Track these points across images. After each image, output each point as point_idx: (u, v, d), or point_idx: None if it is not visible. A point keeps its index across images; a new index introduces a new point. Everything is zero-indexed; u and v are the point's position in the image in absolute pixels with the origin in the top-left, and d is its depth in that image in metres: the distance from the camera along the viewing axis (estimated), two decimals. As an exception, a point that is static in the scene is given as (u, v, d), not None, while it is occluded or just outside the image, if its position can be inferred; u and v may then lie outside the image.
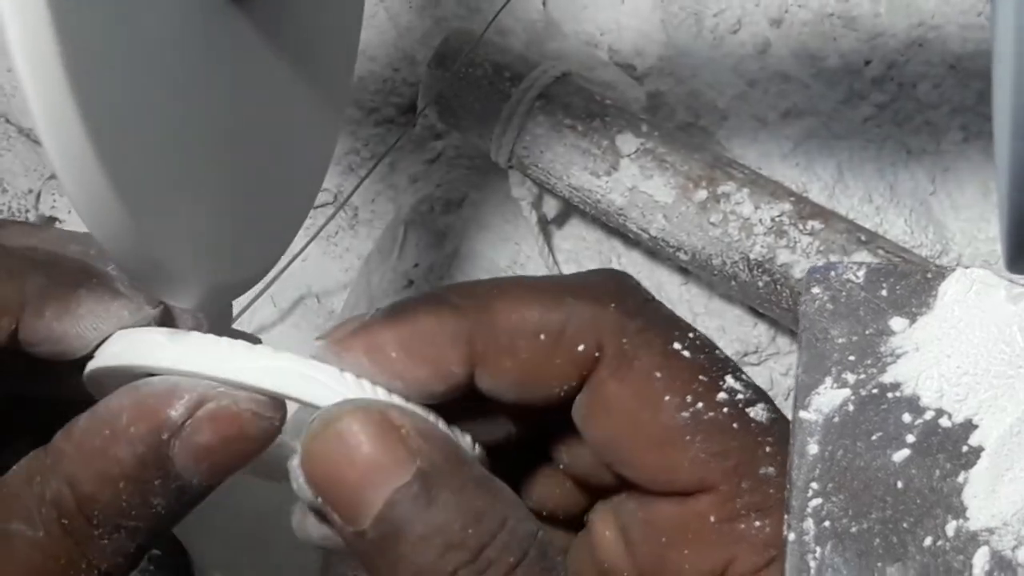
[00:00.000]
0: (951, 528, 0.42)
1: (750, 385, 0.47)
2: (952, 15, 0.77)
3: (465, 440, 0.46)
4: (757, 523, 0.45)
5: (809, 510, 0.43)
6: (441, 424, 0.45)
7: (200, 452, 0.43)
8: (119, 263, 0.41)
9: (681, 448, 0.45)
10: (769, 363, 0.77)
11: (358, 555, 0.43)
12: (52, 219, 0.85)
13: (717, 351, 0.47)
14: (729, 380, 0.46)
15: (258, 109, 0.49)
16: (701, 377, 0.46)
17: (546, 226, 0.80)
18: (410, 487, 0.41)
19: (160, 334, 0.45)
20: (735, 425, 0.45)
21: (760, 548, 0.45)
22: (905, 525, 0.42)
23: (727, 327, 0.78)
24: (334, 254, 0.85)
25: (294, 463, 0.43)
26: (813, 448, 0.44)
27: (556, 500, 0.51)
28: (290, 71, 0.51)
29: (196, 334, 0.44)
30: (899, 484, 0.43)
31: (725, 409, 0.45)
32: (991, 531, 0.42)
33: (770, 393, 0.75)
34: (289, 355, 0.44)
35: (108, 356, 0.45)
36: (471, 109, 0.77)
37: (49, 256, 0.48)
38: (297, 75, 0.51)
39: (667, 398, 0.45)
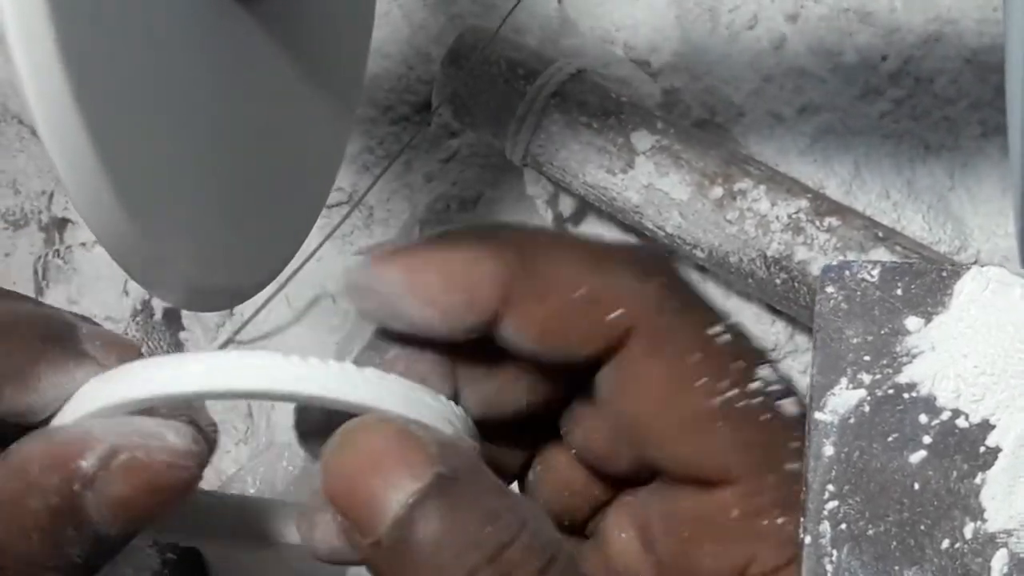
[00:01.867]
0: (969, 530, 0.41)
1: (783, 379, 0.46)
2: (968, 9, 0.77)
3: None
4: (780, 520, 0.44)
5: (825, 512, 0.42)
6: (465, 425, 0.44)
7: (114, 503, 0.42)
8: (126, 269, 0.41)
9: (709, 434, 0.44)
10: (787, 361, 0.77)
11: (372, 566, 0.42)
12: (65, 220, 0.85)
13: (753, 342, 0.46)
14: (764, 371, 0.45)
15: (266, 110, 0.49)
16: (736, 364, 0.45)
17: (562, 224, 0.80)
18: (428, 492, 0.40)
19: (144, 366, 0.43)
20: (766, 416, 0.45)
21: (781, 545, 0.44)
22: (922, 527, 0.42)
23: (745, 325, 0.77)
24: (349, 253, 0.85)
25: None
26: (829, 450, 0.43)
27: (566, 498, 0.50)
28: (299, 71, 0.51)
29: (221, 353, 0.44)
30: (916, 486, 0.42)
31: (757, 399, 0.44)
32: (1009, 533, 0.41)
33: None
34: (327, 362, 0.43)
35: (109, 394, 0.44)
36: (485, 107, 0.76)
37: (5, 322, 0.45)
38: (307, 75, 0.51)
39: (701, 381, 0.44)
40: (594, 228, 0.81)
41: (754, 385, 0.45)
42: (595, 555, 0.50)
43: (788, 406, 0.45)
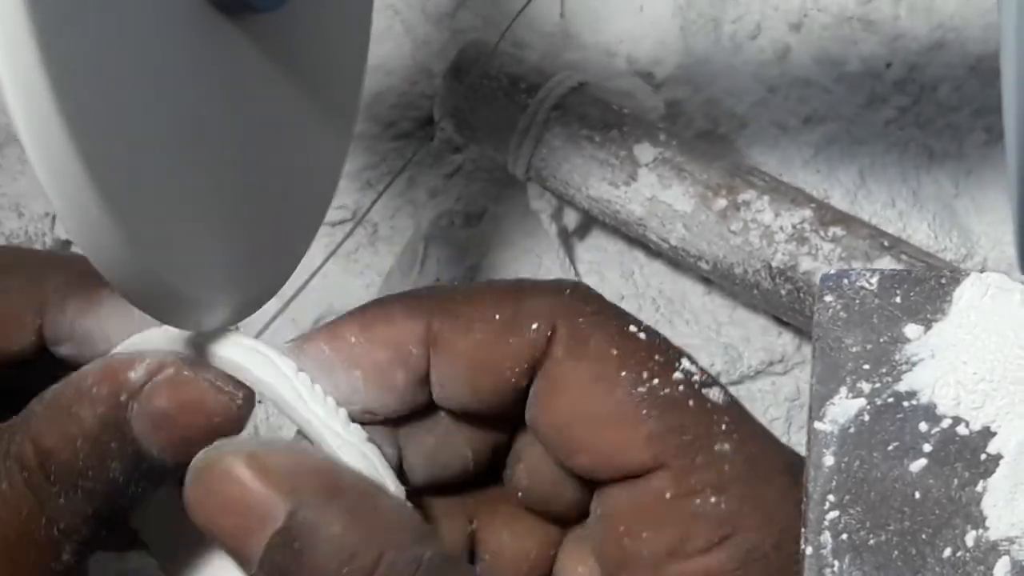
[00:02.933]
0: (971, 538, 0.41)
1: (705, 371, 0.47)
2: (972, 16, 0.77)
3: (382, 461, 0.46)
4: (712, 499, 0.45)
5: (826, 523, 0.42)
6: (352, 435, 0.45)
7: (157, 418, 0.43)
8: (119, 288, 0.41)
9: (636, 423, 0.45)
10: (795, 372, 0.77)
11: None
12: (68, 243, 0.85)
13: (669, 341, 0.47)
14: (685, 362, 0.46)
15: (262, 126, 0.49)
16: (657, 357, 0.46)
17: (567, 238, 0.80)
18: (286, 531, 0.42)
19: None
20: (690, 403, 0.45)
21: (715, 525, 0.44)
22: (924, 536, 0.41)
23: (751, 337, 0.77)
24: (354, 271, 0.84)
25: None
26: (829, 459, 0.43)
27: (520, 548, 0.50)
28: (296, 87, 0.50)
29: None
30: (917, 494, 0.42)
31: (681, 387, 0.45)
32: (1011, 540, 0.41)
33: (796, 403, 0.75)
34: (256, 341, 0.47)
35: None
36: (487, 121, 0.76)
37: (75, 257, 0.49)
38: (303, 91, 0.51)
39: (623, 374, 0.45)
40: (599, 241, 0.81)
41: (677, 375, 0.46)
42: None
43: (713, 394, 0.46)
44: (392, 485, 0.45)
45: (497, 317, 0.46)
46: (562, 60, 0.83)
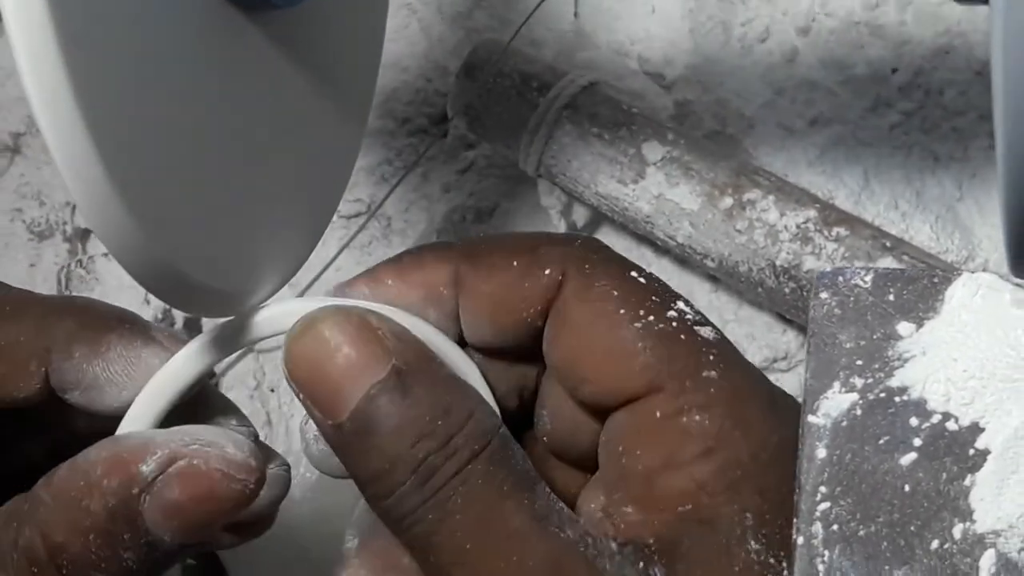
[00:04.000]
0: (958, 531, 0.42)
1: (699, 312, 0.50)
2: (977, 22, 0.78)
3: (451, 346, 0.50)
4: (697, 417, 0.47)
5: (818, 514, 0.43)
6: (424, 325, 0.49)
7: (169, 509, 0.44)
8: (133, 274, 0.42)
9: (632, 355, 0.48)
10: (798, 369, 0.78)
11: (336, 447, 0.46)
12: (88, 231, 0.86)
13: (668, 286, 0.51)
14: (680, 304, 0.49)
15: (277, 118, 0.50)
16: (654, 298, 0.49)
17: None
18: (386, 383, 0.44)
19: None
20: (683, 337, 0.48)
21: (699, 439, 0.47)
22: (912, 528, 0.42)
23: (756, 334, 0.78)
24: (368, 264, 0.84)
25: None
26: (821, 452, 0.44)
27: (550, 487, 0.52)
28: (311, 81, 0.51)
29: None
30: (906, 487, 0.43)
31: (674, 324, 0.48)
32: (997, 534, 0.42)
33: (798, 399, 0.76)
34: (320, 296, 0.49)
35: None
36: (499, 118, 0.77)
37: (84, 303, 0.50)
38: (318, 84, 0.52)
39: (622, 312, 0.48)
40: (607, 238, 0.81)
41: (671, 313, 0.49)
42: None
43: (705, 331, 0.49)
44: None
45: (515, 264, 0.49)
46: (575, 59, 0.84)
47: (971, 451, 0.43)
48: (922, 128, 0.79)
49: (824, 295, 0.46)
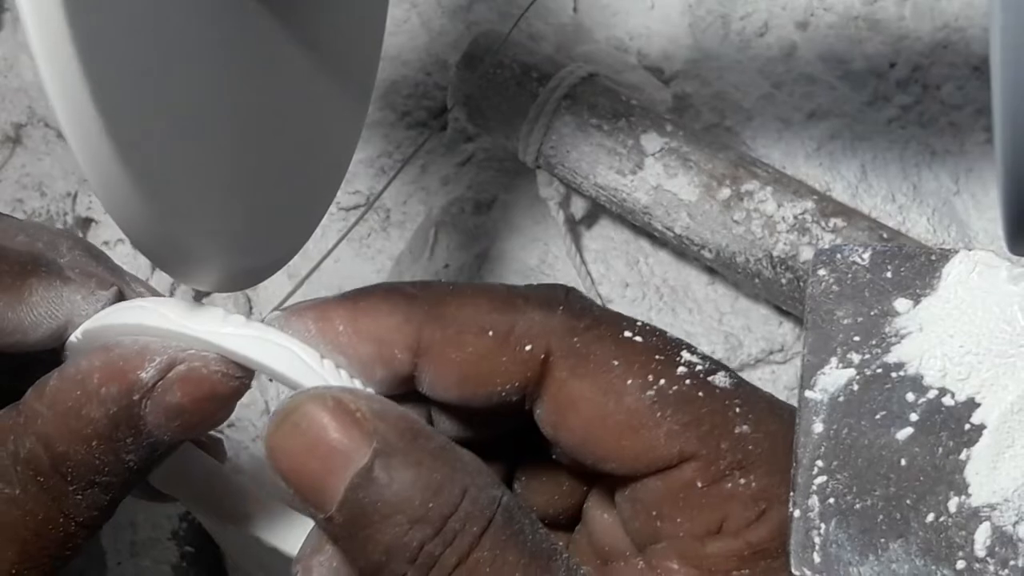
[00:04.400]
0: (953, 504, 0.42)
1: (707, 358, 0.47)
2: (976, 17, 0.78)
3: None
4: (743, 480, 0.45)
5: (814, 487, 0.43)
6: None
7: (171, 411, 0.44)
8: (138, 246, 0.42)
9: (653, 426, 0.46)
10: (795, 361, 0.78)
11: (332, 539, 0.44)
12: (88, 220, 0.87)
13: (668, 334, 0.48)
14: (685, 355, 0.47)
15: (279, 99, 0.50)
16: (658, 357, 0.46)
17: (574, 226, 0.81)
18: (369, 469, 0.42)
19: (145, 301, 0.47)
20: (700, 394, 0.46)
21: (750, 503, 0.45)
22: (908, 502, 0.42)
23: (753, 326, 0.78)
24: (366, 256, 0.86)
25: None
26: (818, 427, 0.44)
27: (557, 498, 0.51)
28: (313, 64, 0.52)
29: (174, 300, 0.47)
30: (902, 461, 0.43)
31: (688, 381, 0.46)
32: (992, 507, 0.42)
33: (796, 391, 0.76)
34: (260, 324, 0.46)
35: (96, 319, 0.47)
36: (498, 109, 0.77)
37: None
38: (320, 68, 0.52)
39: (629, 382, 0.46)
40: (605, 230, 0.82)
41: (681, 370, 0.46)
42: (583, 538, 0.51)
43: (719, 379, 0.46)
44: None
45: (491, 333, 0.46)
46: (574, 53, 0.84)
47: (967, 426, 0.43)
48: (919, 122, 0.79)
49: (822, 272, 0.46)
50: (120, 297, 0.48)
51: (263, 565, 0.52)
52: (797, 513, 0.43)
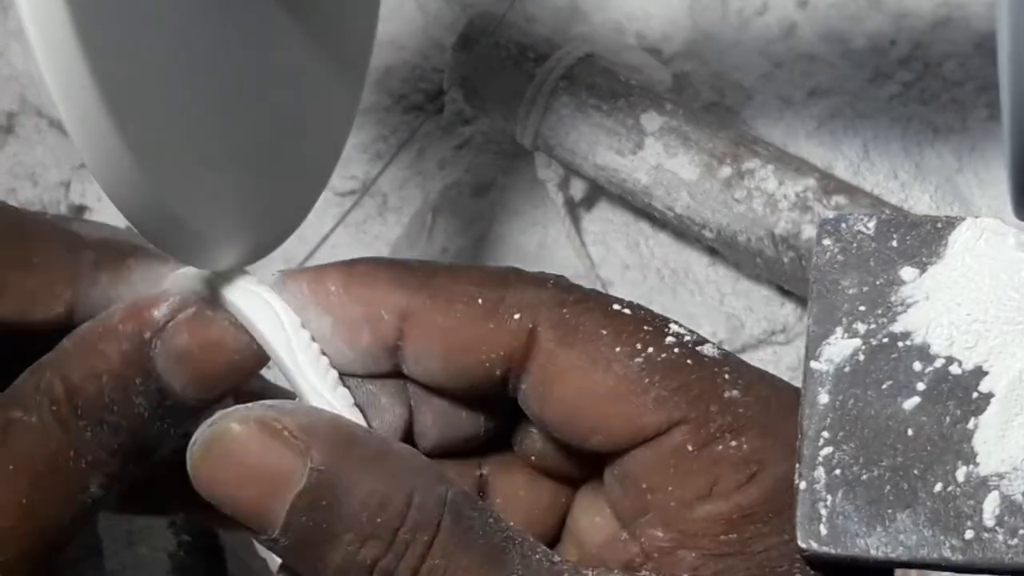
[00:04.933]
0: (961, 474, 0.42)
1: (692, 331, 0.47)
2: (976, -6, 0.78)
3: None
4: (733, 443, 0.44)
5: (820, 459, 0.43)
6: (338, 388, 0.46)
7: (179, 355, 0.44)
8: (134, 223, 0.42)
9: (642, 392, 0.45)
10: (797, 343, 0.78)
11: (281, 559, 0.43)
12: (82, 208, 0.86)
13: (653, 311, 0.47)
14: (673, 327, 0.46)
15: (276, 76, 0.50)
16: (646, 327, 0.46)
17: (574, 208, 0.81)
18: (308, 491, 0.41)
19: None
20: (689, 361, 0.45)
21: (741, 465, 0.44)
22: (915, 472, 0.42)
23: (754, 307, 0.78)
24: (364, 241, 0.85)
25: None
26: (824, 398, 0.44)
27: (537, 513, 0.51)
28: (309, 40, 0.51)
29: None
30: (909, 431, 0.42)
31: (676, 349, 0.45)
32: (1001, 476, 0.41)
33: (798, 372, 0.76)
34: (257, 282, 0.47)
35: None
36: (496, 90, 0.77)
37: (99, 237, 0.50)
38: (317, 45, 0.52)
39: (617, 350, 0.45)
40: (605, 212, 0.81)
41: (669, 339, 0.46)
42: (569, 549, 0.50)
43: (707, 349, 0.46)
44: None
45: (480, 301, 0.46)
46: (571, 34, 0.83)
47: (975, 394, 0.42)
48: (921, 99, 0.79)
49: (827, 241, 0.46)
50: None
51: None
52: (803, 485, 0.43)
